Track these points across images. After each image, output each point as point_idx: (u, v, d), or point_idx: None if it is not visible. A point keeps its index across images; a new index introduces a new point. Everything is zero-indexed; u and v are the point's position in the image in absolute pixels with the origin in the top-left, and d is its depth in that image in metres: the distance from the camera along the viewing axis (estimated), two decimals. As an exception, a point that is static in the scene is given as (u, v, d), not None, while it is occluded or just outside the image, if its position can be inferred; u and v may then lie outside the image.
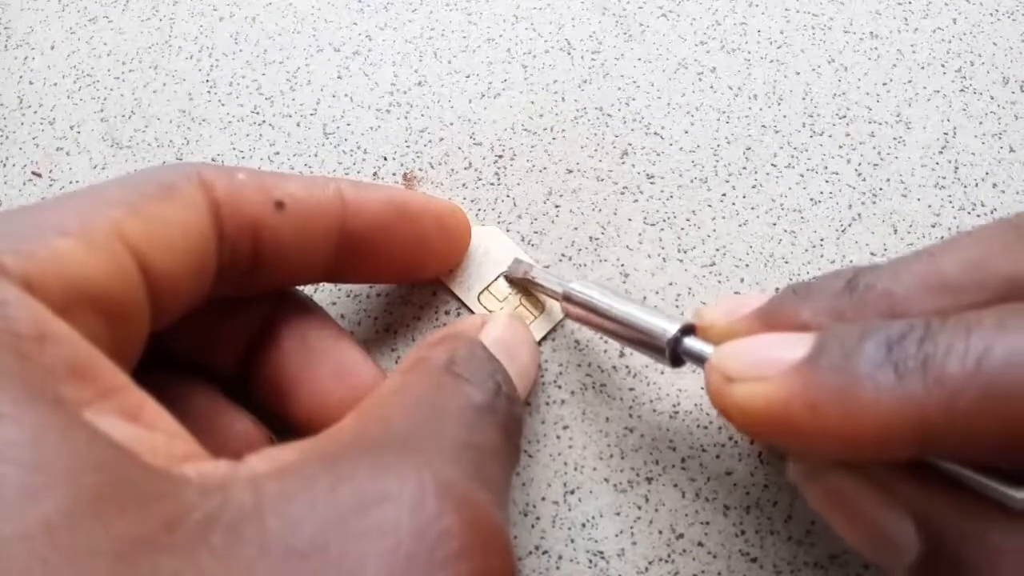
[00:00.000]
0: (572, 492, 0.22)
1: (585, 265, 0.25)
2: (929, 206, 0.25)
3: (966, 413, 0.13)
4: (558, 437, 0.23)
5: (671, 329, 0.19)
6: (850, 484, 0.15)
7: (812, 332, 0.15)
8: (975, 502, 0.14)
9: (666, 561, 0.21)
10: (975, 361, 0.13)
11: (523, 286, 0.24)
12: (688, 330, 0.19)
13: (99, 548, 0.11)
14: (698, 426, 0.22)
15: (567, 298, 0.21)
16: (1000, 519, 0.14)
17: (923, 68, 0.27)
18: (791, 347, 0.15)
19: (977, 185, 0.25)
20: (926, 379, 0.13)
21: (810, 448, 0.15)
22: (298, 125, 0.28)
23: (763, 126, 0.26)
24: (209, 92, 0.29)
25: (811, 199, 0.25)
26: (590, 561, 0.21)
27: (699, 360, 0.18)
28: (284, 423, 0.21)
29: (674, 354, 0.19)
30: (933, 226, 0.25)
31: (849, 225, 0.25)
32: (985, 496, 0.14)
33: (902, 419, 0.13)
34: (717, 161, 0.26)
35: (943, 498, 0.14)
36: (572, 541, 0.21)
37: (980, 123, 0.26)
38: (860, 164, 0.26)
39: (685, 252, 0.25)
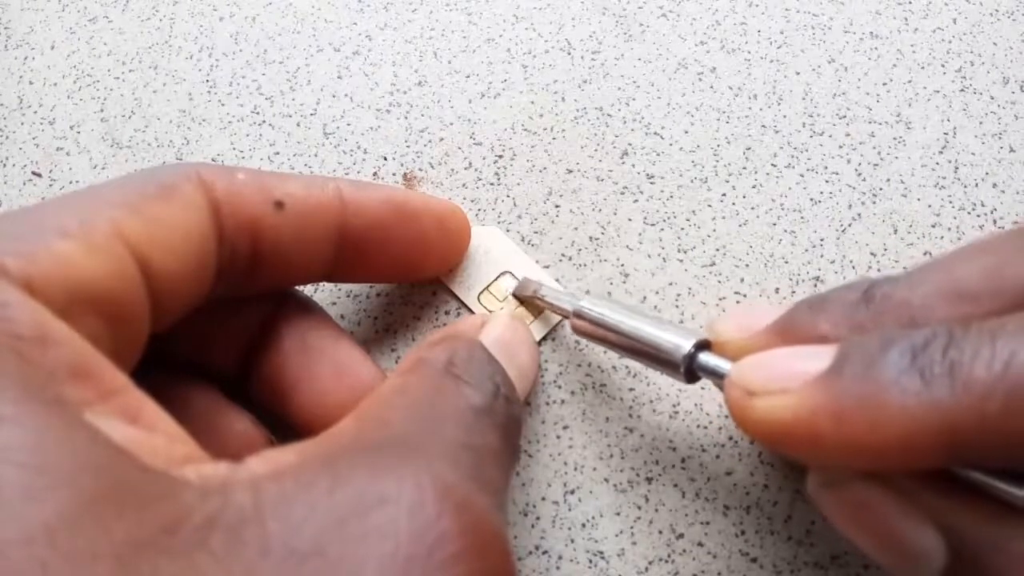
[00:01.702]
0: (572, 492, 0.22)
1: (585, 265, 0.25)
2: (929, 206, 0.25)
3: (995, 416, 0.13)
4: (558, 437, 0.23)
5: (685, 345, 0.18)
6: (873, 494, 0.15)
7: (831, 344, 0.15)
8: (999, 510, 0.14)
9: (666, 561, 0.21)
10: (1003, 365, 0.13)
11: (532, 303, 0.24)
12: (703, 345, 0.18)
13: (99, 551, 0.11)
14: (698, 426, 0.22)
15: (578, 315, 0.21)
16: None
17: (923, 68, 0.27)
18: (812, 359, 0.15)
19: (977, 185, 0.25)
20: (954, 384, 0.13)
21: (835, 460, 0.15)
22: (298, 125, 0.28)
23: (763, 126, 0.26)
24: (209, 92, 0.29)
25: (811, 199, 0.25)
26: (590, 561, 0.21)
27: (715, 376, 0.18)
28: (284, 423, 0.21)
29: (689, 370, 0.18)
30: (933, 226, 0.25)
31: (849, 225, 0.25)
32: (1009, 504, 0.14)
33: (930, 425, 0.13)
34: (717, 161, 0.26)
35: (966, 507, 0.14)
36: (572, 541, 0.21)
37: (980, 123, 0.26)
38: (860, 164, 0.26)
39: (685, 252, 0.25)
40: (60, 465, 0.12)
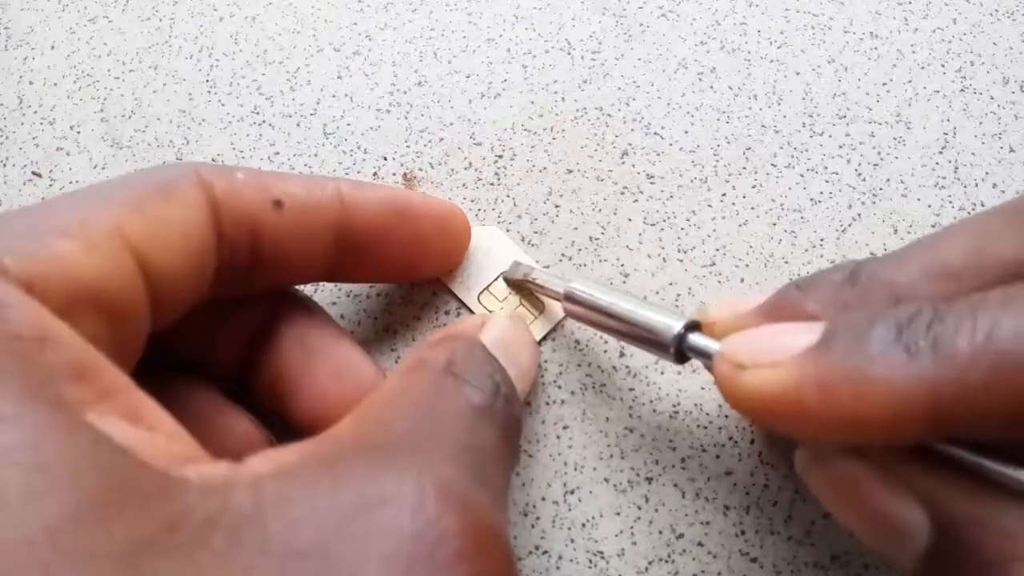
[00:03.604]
0: (572, 492, 0.22)
1: (585, 265, 0.25)
2: (929, 206, 0.25)
3: (978, 387, 0.13)
4: (558, 437, 0.23)
5: (676, 326, 0.18)
6: (859, 470, 0.15)
7: (820, 321, 0.16)
8: (984, 487, 0.14)
9: (666, 561, 0.21)
10: (984, 336, 0.13)
11: (523, 288, 0.24)
12: (692, 326, 0.19)
13: (100, 551, 0.11)
14: (698, 426, 0.22)
15: (569, 297, 0.21)
16: (1010, 503, 0.14)
17: (923, 68, 0.27)
18: (802, 334, 0.15)
19: (977, 185, 0.25)
20: (937, 356, 0.13)
21: (822, 433, 0.15)
22: (298, 125, 0.28)
23: (763, 126, 0.26)
24: (209, 92, 0.29)
25: (811, 199, 0.25)
26: (590, 561, 0.21)
27: (704, 356, 0.18)
28: (284, 423, 0.21)
29: (679, 351, 0.19)
30: (933, 226, 0.25)
31: (849, 225, 0.25)
32: (994, 480, 0.14)
33: (914, 397, 0.13)
34: (717, 161, 0.26)
35: (952, 484, 0.14)
36: (572, 541, 0.21)
37: (980, 123, 0.26)
38: (860, 164, 0.26)
39: (685, 252, 0.25)
40: (61, 465, 0.12)
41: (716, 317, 0.19)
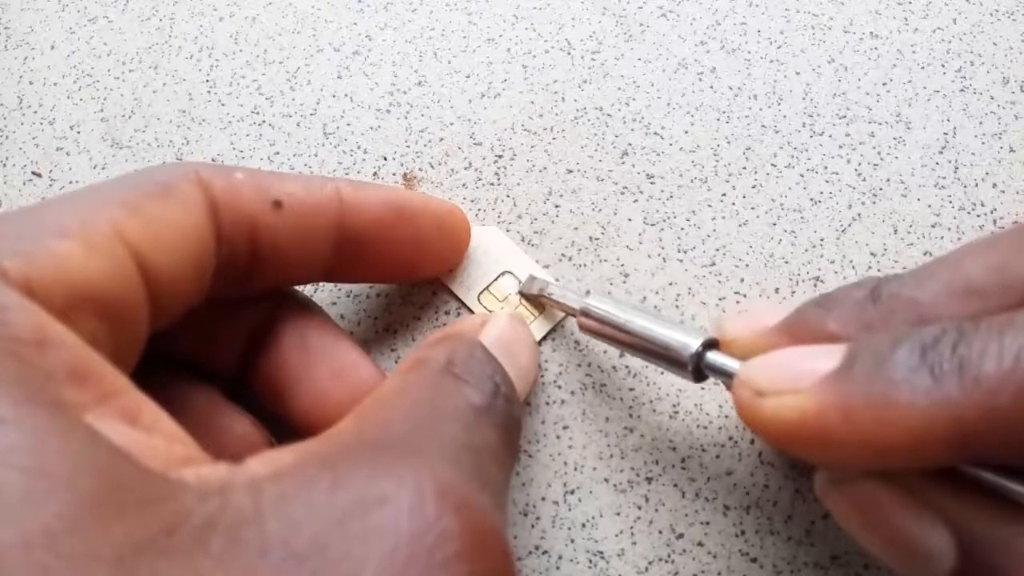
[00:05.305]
0: (572, 492, 0.22)
1: (585, 265, 0.25)
2: (929, 206, 0.25)
3: (1004, 411, 0.13)
4: (558, 437, 0.23)
5: (693, 344, 0.18)
6: (882, 493, 0.15)
7: (840, 343, 0.15)
8: (1009, 509, 0.14)
9: (666, 561, 0.21)
10: (1012, 360, 0.13)
11: (538, 302, 0.24)
12: (710, 344, 0.18)
13: (99, 553, 0.11)
14: (698, 426, 0.22)
15: (585, 314, 0.21)
16: None
17: (923, 68, 0.27)
18: (822, 358, 0.15)
19: (977, 185, 0.25)
20: (963, 380, 0.13)
21: (846, 459, 0.15)
22: (298, 125, 0.28)
23: (763, 126, 0.26)
24: (209, 92, 0.29)
25: (811, 199, 0.25)
26: (590, 561, 0.21)
27: (723, 375, 0.18)
28: (283, 423, 0.21)
29: (697, 369, 0.18)
30: (933, 226, 0.25)
31: (849, 225, 0.25)
32: (1020, 503, 0.14)
33: (939, 422, 0.13)
34: (717, 161, 0.26)
35: (976, 505, 0.14)
36: (572, 541, 0.21)
37: (980, 123, 0.26)
38: (860, 164, 0.26)
39: (685, 252, 0.25)
40: (59, 468, 0.12)
41: (734, 335, 0.18)
